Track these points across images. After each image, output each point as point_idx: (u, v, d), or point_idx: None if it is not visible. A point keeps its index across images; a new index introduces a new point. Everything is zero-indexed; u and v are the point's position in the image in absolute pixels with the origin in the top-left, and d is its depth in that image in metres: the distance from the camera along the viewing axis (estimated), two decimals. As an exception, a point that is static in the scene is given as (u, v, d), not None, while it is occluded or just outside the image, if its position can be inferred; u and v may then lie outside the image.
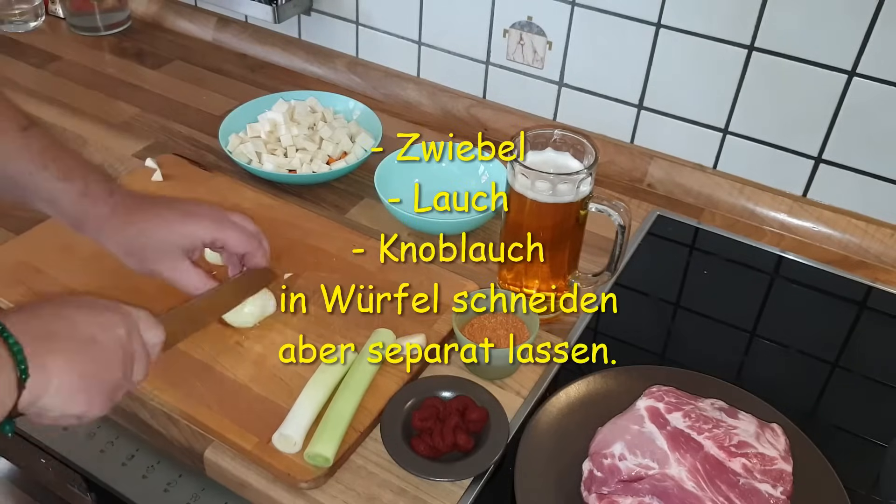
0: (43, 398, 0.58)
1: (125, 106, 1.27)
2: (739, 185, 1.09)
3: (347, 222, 1.04)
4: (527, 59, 1.18)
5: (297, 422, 0.75)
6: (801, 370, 0.89)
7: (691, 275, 1.02)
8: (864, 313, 0.97)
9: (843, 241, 1.04)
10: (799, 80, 1.00)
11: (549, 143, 0.86)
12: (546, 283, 0.89)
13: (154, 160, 1.10)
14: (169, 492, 0.83)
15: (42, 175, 0.76)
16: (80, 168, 0.79)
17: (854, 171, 1.02)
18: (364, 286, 0.91)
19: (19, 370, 0.55)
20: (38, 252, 0.94)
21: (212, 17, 1.46)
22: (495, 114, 1.24)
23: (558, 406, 0.80)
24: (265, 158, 1.09)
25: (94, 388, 0.61)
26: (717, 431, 0.72)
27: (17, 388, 0.55)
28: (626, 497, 0.69)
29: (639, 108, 1.13)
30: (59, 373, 0.58)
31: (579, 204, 0.83)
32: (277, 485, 0.74)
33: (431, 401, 0.78)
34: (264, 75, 1.37)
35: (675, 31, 1.05)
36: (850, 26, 0.93)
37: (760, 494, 0.68)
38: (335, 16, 1.33)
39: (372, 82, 1.32)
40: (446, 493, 0.74)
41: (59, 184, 0.76)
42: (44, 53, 1.40)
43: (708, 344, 0.92)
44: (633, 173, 1.15)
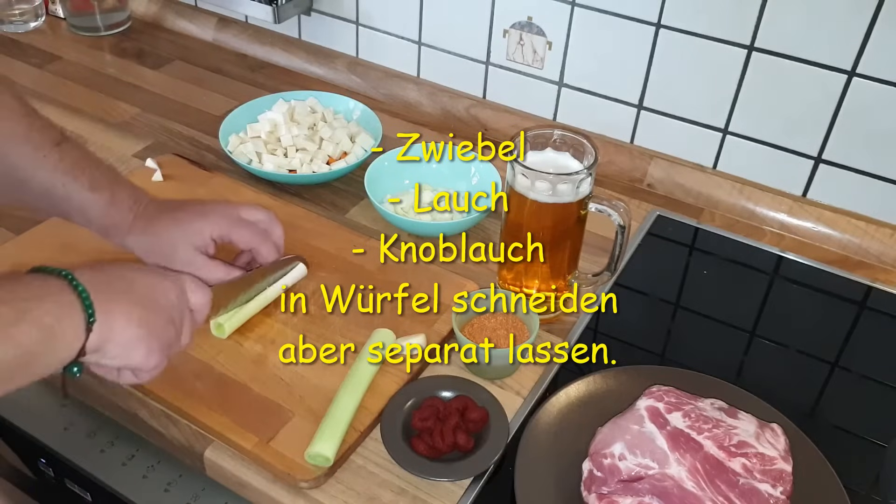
0: (107, 344, 0.62)
1: (125, 106, 1.27)
2: (739, 185, 1.09)
3: (347, 222, 1.04)
4: (527, 60, 1.18)
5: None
6: (801, 370, 0.89)
7: (691, 275, 1.02)
8: (864, 313, 0.97)
9: (843, 241, 1.04)
10: (799, 80, 1.00)
11: (549, 143, 0.86)
12: (546, 283, 0.89)
13: (154, 160, 1.10)
14: (169, 492, 0.83)
15: (73, 187, 0.80)
16: (109, 179, 0.83)
17: (854, 171, 1.02)
18: (364, 286, 0.91)
19: (87, 314, 0.59)
20: (38, 252, 0.94)
21: (212, 17, 1.46)
22: (495, 114, 1.24)
23: (558, 406, 0.80)
24: (265, 158, 1.09)
25: (153, 339, 0.65)
26: (716, 431, 0.72)
27: (85, 330, 0.59)
28: (626, 497, 0.69)
29: (639, 108, 1.13)
30: (122, 320, 0.62)
31: (579, 204, 0.83)
32: (277, 485, 0.74)
33: (431, 401, 0.78)
34: (264, 75, 1.37)
35: (675, 31, 1.05)
36: (850, 26, 0.93)
37: (760, 494, 0.68)
38: (335, 16, 1.33)
39: (372, 82, 1.32)
40: (446, 493, 0.74)
41: (89, 194, 0.81)
42: (44, 53, 1.40)
43: (708, 344, 0.92)
44: (632, 173, 1.15)
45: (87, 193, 0.80)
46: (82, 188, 0.80)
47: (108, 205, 0.81)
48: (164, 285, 0.69)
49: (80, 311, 0.59)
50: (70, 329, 0.58)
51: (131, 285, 0.66)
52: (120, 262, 0.70)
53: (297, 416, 0.78)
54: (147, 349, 0.64)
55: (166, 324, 0.67)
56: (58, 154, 0.80)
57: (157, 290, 0.67)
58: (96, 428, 0.87)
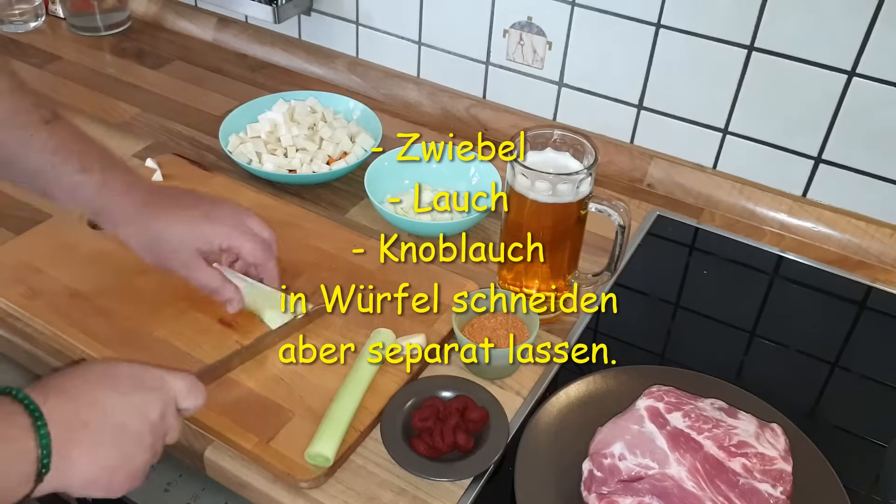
0: (62, 487, 0.57)
1: (125, 106, 1.27)
2: (739, 185, 1.09)
3: (347, 222, 1.04)
4: (527, 60, 1.18)
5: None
6: (801, 370, 0.89)
7: (691, 275, 1.02)
8: (864, 313, 0.97)
9: (843, 241, 1.04)
10: (799, 80, 1.00)
11: (549, 143, 0.86)
12: (546, 283, 0.89)
13: (154, 160, 1.10)
14: (169, 492, 0.83)
15: (63, 168, 0.77)
16: (101, 160, 0.79)
17: (854, 171, 1.02)
18: (364, 286, 0.91)
19: (41, 464, 0.54)
20: (38, 252, 0.94)
21: (212, 17, 1.46)
22: (495, 114, 1.24)
23: (558, 406, 0.80)
24: (265, 158, 1.09)
25: (117, 475, 0.60)
26: (716, 431, 0.72)
27: (34, 480, 0.55)
28: (626, 497, 0.69)
29: (639, 108, 1.13)
30: (81, 465, 0.58)
31: (579, 204, 0.83)
32: (277, 485, 0.74)
33: (431, 401, 0.78)
34: (264, 75, 1.37)
35: (675, 31, 1.05)
36: (850, 26, 0.93)
37: (760, 494, 0.68)
38: (335, 16, 1.33)
39: (372, 82, 1.32)
40: (446, 493, 0.74)
41: (79, 176, 0.77)
42: (44, 53, 1.40)
43: (708, 344, 0.92)
44: (632, 173, 1.15)
45: (77, 175, 0.77)
46: (73, 169, 0.77)
47: (99, 187, 0.78)
48: (148, 403, 0.62)
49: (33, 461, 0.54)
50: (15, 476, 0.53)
51: (105, 415, 0.59)
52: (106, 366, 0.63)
53: (297, 416, 0.78)
54: (107, 486, 0.60)
55: (137, 453, 0.61)
56: (46, 133, 0.76)
57: (137, 414, 0.61)
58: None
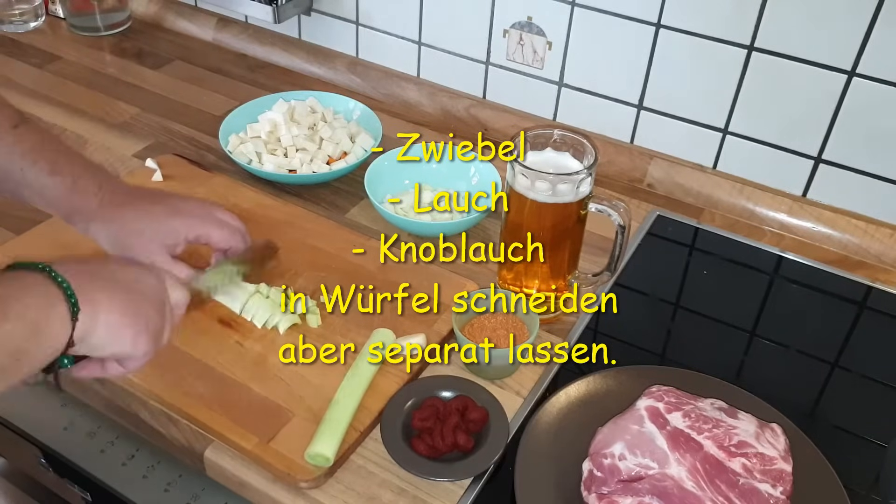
0: (94, 332, 0.60)
1: (125, 106, 1.27)
2: (739, 185, 1.09)
3: (347, 222, 1.04)
4: (527, 60, 1.18)
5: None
6: (801, 370, 0.89)
7: (691, 275, 1.02)
8: (864, 313, 0.97)
9: (843, 241, 1.04)
10: (799, 80, 1.00)
11: (549, 143, 0.86)
12: (546, 283, 0.89)
13: (154, 160, 1.10)
14: (169, 492, 0.83)
15: (32, 171, 0.78)
16: (70, 163, 0.80)
17: (854, 171, 1.02)
18: (364, 286, 0.91)
19: (71, 303, 0.58)
20: (38, 252, 0.94)
21: (212, 17, 1.46)
22: (495, 114, 1.24)
23: (558, 406, 0.80)
24: (265, 158, 1.09)
25: (140, 324, 0.64)
26: (716, 431, 0.72)
27: (70, 320, 0.58)
28: (626, 497, 0.69)
29: (639, 108, 1.13)
30: (106, 308, 0.61)
31: (579, 204, 0.83)
32: (277, 485, 0.74)
33: (431, 401, 0.78)
34: (264, 75, 1.37)
35: (674, 31, 1.05)
36: (850, 26, 0.93)
37: (760, 494, 0.68)
38: (335, 16, 1.33)
39: (372, 82, 1.32)
40: (446, 493, 0.74)
41: (49, 179, 0.78)
42: (44, 53, 1.40)
43: (708, 344, 0.92)
44: (632, 173, 1.15)
45: (47, 178, 0.78)
46: (41, 172, 0.78)
47: (69, 190, 0.79)
48: (148, 278, 0.68)
49: (63, 301, 0.58)
50: (56, 321, 0.58)
51: (114, 275, 0.65)
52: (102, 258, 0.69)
53: (297, 416, 0.78)
54: (134, 333, 0.63)
55: (152, 310, 0.66)
56: (13, 137, 0.77)
57: (141, 281, 0.66)
58: (96, 428, 0.87)
